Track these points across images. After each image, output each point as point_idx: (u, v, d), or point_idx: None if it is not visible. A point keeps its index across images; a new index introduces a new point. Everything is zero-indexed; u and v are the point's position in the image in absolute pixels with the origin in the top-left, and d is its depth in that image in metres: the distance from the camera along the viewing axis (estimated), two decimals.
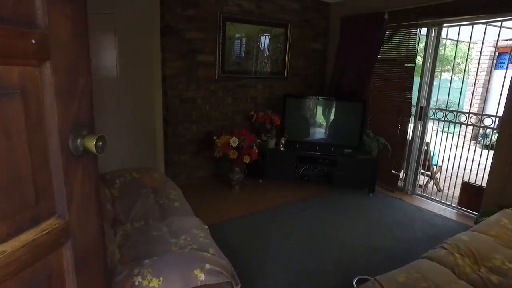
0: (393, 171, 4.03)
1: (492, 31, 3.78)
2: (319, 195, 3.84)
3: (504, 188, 3.08)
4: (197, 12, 3.66)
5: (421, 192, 4.03)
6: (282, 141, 4.04)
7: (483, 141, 6.73)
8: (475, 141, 6.86)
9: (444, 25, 3.53)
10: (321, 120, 4.16)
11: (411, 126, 3.88)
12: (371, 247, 2.76)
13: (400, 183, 4.10)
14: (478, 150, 5.06)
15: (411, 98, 3.75)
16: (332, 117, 4.12)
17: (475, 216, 3.35)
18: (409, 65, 3.72)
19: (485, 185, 3.29)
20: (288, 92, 4.52)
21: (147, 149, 3.81)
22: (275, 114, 4.16)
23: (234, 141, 3.58)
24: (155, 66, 3.59)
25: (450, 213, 3.55)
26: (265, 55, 4.25)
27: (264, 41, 4.19)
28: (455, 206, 3.64)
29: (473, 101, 6.76)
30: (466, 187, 3.59)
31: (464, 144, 3.62)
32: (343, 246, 2.75)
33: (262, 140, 4.17)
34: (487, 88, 6.28)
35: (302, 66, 4.59)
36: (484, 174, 3.37)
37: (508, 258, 1.84)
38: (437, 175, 4.30)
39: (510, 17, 3.07)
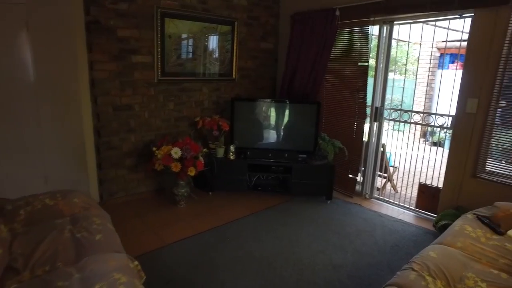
0: (350, 175, 3.85)
1: (439, 33, 3.75)
2: (274, 206, 3.53)
3: (459, 188, 2.99)
4: (130, 6, 3.20)
5: (379, 195, 3.89)
6: (232, 148, 3.69)
7: (431, 138, 6.93)
8: (424, 139, 7.04)
9: (395, 22, 3.40)
10: (273, 124, 3.87)
11: (367, 127, 3.73)
12: (331, 265, 2.49)
13: (358, 187, 3.93)
14: (428, 147, 5.07)
15: (366, 99, 3.59)
16: (285, 121, 3.85)
17: (433, 218, 3.25)
18: (363, 64, 3.56)
19: (441, 186, 3.20)
20: (237, 95, 4.20)
21: (76, 166, 3.28)
22: (224, 119, 3.81)
23: (176, 152, 3.17)
24: (80, 68, 3.08)
25: (409, 216, 3.42)
26: (211, 55, 3.88)
27: (209, 40, 3.83)
28: (413, 208, 3.53)
29: (420, 100, 6.92)
30: (423, 188, 3.48)
31: (414, 142, 3.53)
32: (301, 267, 2.45)
33: (210, 149, 3.80)
34: (438, 87, 6.44)
35: (252, 67, 4.28)
36: (440, 174, 3.29)
37: (479, 276, 1.65)
38: (394, 176, 4.21)
39: (457, 16, 3.00)
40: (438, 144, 6.47)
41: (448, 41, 3.36)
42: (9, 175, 2.98)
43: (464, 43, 2.89)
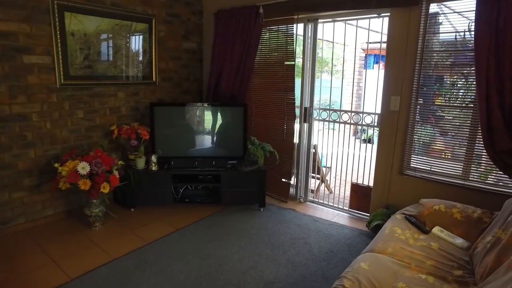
0: (283, 179, 3.70)
1: (363, 34, 3.79)
2: (203, 219, 3.24)
3: (388, 187, 2.99)
4: None
5: (314, 197, 3.80)
6: (153, 159, 3.32)
7: (361, 136, 7.18)
8: (355, 136, 7.27)
9: (320, 21, 3.33)
10: (199, 130, 3.57)
11: (297, 128, 3.61)
12: (263, 282, 2.27)
13: (292, 191, 3.81)
14: (360, 144, 5.18)
15: (294, 99, 3.47)
16: (211, 126, 3.58)
17: (366, 217, 3.23)
18: (289, 63, 3.44)
19: (372, 185, 3.18)
20: (159, 100, 3.83)
21: None
22: (144, 127, 3.42)
23: (83, 167, 2.72)
24: None
25: (343, 218, 3.36)
26: (126, 56, 3.47)
27: (123, 39, 3.41)
28: (347, 209, 3.49)
29: (350, 100, 7.14)
30: (355, 188, 3.46)
31: (345, 141, 3.50)
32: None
33: (130, 160, 3.39)
34: (365, 87, 6.68)
35: (174, 68, 3.94)
36: (371, 172, 3.28)
37: (409, 285, 1.54)
38: (327, 177, 4.17)
39: (376, 15, 3.00)
40: (367, 141, 6.74)
41: (371, 42, 3.37)
42: None
43: (385, 45, 2.90)
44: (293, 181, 3.79)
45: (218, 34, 3.75)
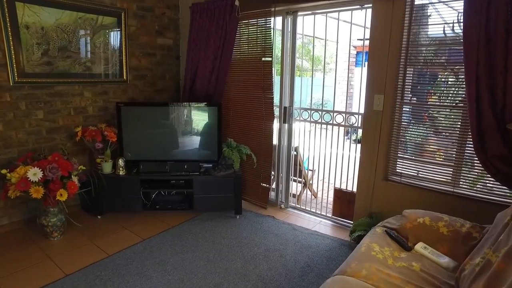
0: (263, 184, 3.45)
1: (356, 30, 3.55)
2: (173, 227, 2.99)
3: (372, 193, 2.74)
4: None
5: (295, 203, 3.55)
6: (120, 162, 3.07)
7: (351, 136, 6.93)
8: (347, 136, 7.01)
9: (299, 13, 3.09)
10: (170, 131, 3.30)
11: (276, 129, 3.37)
12: None
13: (273, 195, 3.56)
14: (350, 145, 4.93)
15: (272, 98, 3.22)
16: (184, 127, 3.32)
17: (350, 225, 2.99)
18: (267, 59, 3.19)
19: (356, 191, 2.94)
20: (131, 99, 3.58)
21: None
22: (112, 128, 3.17)
23: (34, 174, 2.47)
24: None
25: (325, 226, 3.11)
26: (93, 52, 3.21)
27: (88, 33, 3.15)
28: (330, 216, 3.24)
29: (339, 99, 6.89)
30: (338, 194, 3.21)
31: (331, 141, 3.25)
32: None
33: (97, 164, 3.14)
34: (354, 85, 6.43)
35: (147, 66, 3.69)
36: (355, 177, 3.04)
37: None
38: (311, 181, 3.92)
39: (359, 6, 2.76)
40: (357, 141, 6.48)
41: (361, 39, 3.13)
42: None
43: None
44: (273, 185, 3.55)
45: (193, 29, 3.49)
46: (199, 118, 3.30)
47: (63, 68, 3.04)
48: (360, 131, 2.84)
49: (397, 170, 2.62)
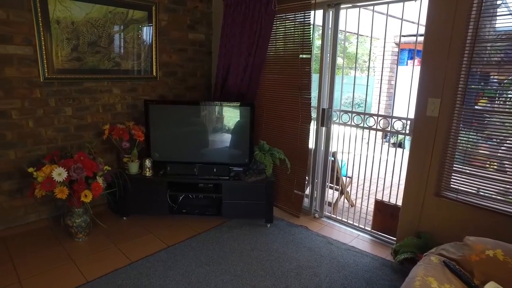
0: (296, 191, 3.21)
1: (395, 25, 3.21)
2: (199, 234, 2.83)
3: (421, 210, 2.42)
4: None
5: (331, 213, 3.28)
6: (147, 163, 2.94)
7: (390, 139, 6.47)
8: (385, 139, 6.57)
9: (342, 6, 2.79)
10: (200, 132, 3.13)
11: (313, 132, 3.11)
12: None
13: (306, 202, 3.31)
14: (389, 149, 4.58)
15: (310, 98, 2.96)
16: (214, 127, 3.14)
17: (392, 241, 2.70)
18: (305, 56, 2.93)
19: (400, 204, 2.62)
20: (161, 97, 3.45)
21: None
22: (140, 126, 3.05)
23: (59, 174, 2.38)
24: None
25: (364, 242, 2.83)
26: (123, 47, 3.10)
27: (118, 28, 3.05)
28: (369, 230, 2.95)
29: (380, 100, 6.47)
30: (380, 206, 2.91)
31: (371, 146, 2.94)
32: None
33: (124, 164, 3.04)
34: (395, 86, 5.99)
35: (178, 62, 3.54)
36: (399, 188, 2.72)
37: None
38: (348, 189, 3.62)
39: None
40: (397, 145, 6.03)
41: (405, 35, 2.78)
42: None
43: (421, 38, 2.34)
44: (308, 191, 3.30)
45: (226, 24, 3.29)
46: (231, 118, 3.10)
47: (92, 64, 2.95)
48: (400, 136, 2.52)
49: (452, 186, 2.28)
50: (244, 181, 2.90)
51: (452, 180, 2.28)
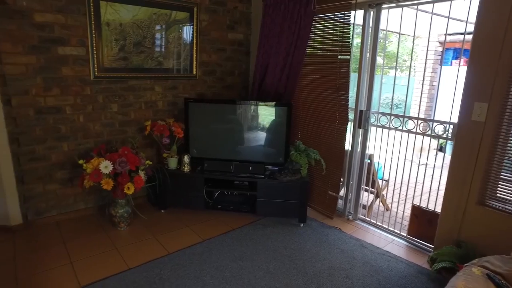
0: (330, 192, 3.20)
1: (439, 23, 3.09)
2: (234, 230, 2.90)
3: (462, 218, 2.33)
4: None
5: (365, 215, 3.24)
6: (186, 159, 3.06)
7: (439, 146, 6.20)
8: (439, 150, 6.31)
9: (384, 6, 2.74)
10: (237, 130, 3.20)
11: (350, 134, 3.08)
12: None
13: (340, 204, 3.29)
14: (428, 153, 4.41)
15: (347, 99, 2.93)
16: (251, 126, 3.20)
17: (429, 249, 2.62)
18: (344, 57, 2.90)
19: (439, 211, 2.54)
20: (199, 95, 3.56)
21: None
22: (179, 123, 3.18)
23: (106, 166, 2.54)
24: None
25: (398, 247, 2.77)
26: (164, 47, 3.24)
27: (161, 29, 3.18)
28: (405, 235, 2.88)
29: (421, 101, 6.23)
30: (417, 212, 2.83)
31: (410, 149, 2.86)
32: None
33: (163, 159, 3.18)
34: (440, 87, 5.73)
35: (217, 61, 3.63)
36: (439, 193, 2.63)
37: None
38: (384, 192, 3.55)
39: None
40: (438, 149, 5.78)
41: (450, 34, 2.67)
42: None
43: (469, 36, 2.24)
44: (342, 192, 3.27)
45: (265, 24, 3.33)
46: (267, 118, 3.14)
47: (137, 63, 3.10)
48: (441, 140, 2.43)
49: (499, 195, 2.18)
50: (279, 180, 2.94)
51: (498, 189, 2.17)
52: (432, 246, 2.58)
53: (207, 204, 3.14)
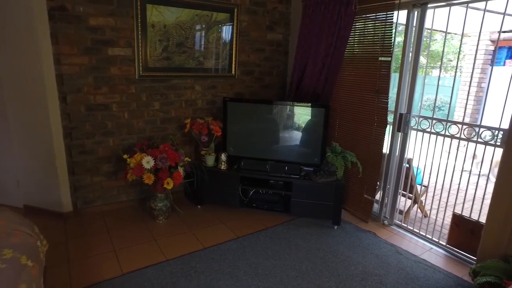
0: (366, 196, 3.14)
1: (489, 20, 2.92)
2: (268, 229, 2.95)
3: (510, 230, 2.21)
4: None
5: (402, 221, 3.15)
6: (223, 157, 3.14)
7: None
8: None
9: (429, 5, 2.64)
10: (274, 130, 3.23)
11: (388, 137, 3.00)
12: None
13: (376, 208, 3.23)
14: (473, 160, 4.20)
15: (387, 102, 2.86)
16: (288, 127, 3.22)
17: (470, 261, 2.51)
18: (385, 59, 2.83)
19: (484, 221, 2.42)
20: (237, 94, 3.64)
21: (46, 170, 2.94)
22: (217, 122, 3.27)
23: (148, 162, 2.68)
24: (45, 62, 2.67)
25: (437, 256, 2.67)
26: (205, 48, 3.34)
27: (202, 30, 3.28)
28: (444, 245, 2.77)
29: (467, 104, 5.90)
30: (458, 221, 2.71)
31: (453, 155, 2.74)
32: None
33: (201, 156, 3.29)
34: (487, 89, 5.40)
35: (256, 61, 3.68)
36: (484, 202, 2.50)
37: None
38: (422, 198, 3.43)
39: None
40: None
41: (505, 31, 2.52)
42: None
43: None
44: (378, 196, 3.20)
45: (304, 24, 3.33)
46: (304, 119, 3.15)
47: (179, 63, 3.23)
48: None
49: None
50: (314, 182, 2.94)
51: None
52: (475, 258, 2.47)
53: (242, 202, 3.20)
